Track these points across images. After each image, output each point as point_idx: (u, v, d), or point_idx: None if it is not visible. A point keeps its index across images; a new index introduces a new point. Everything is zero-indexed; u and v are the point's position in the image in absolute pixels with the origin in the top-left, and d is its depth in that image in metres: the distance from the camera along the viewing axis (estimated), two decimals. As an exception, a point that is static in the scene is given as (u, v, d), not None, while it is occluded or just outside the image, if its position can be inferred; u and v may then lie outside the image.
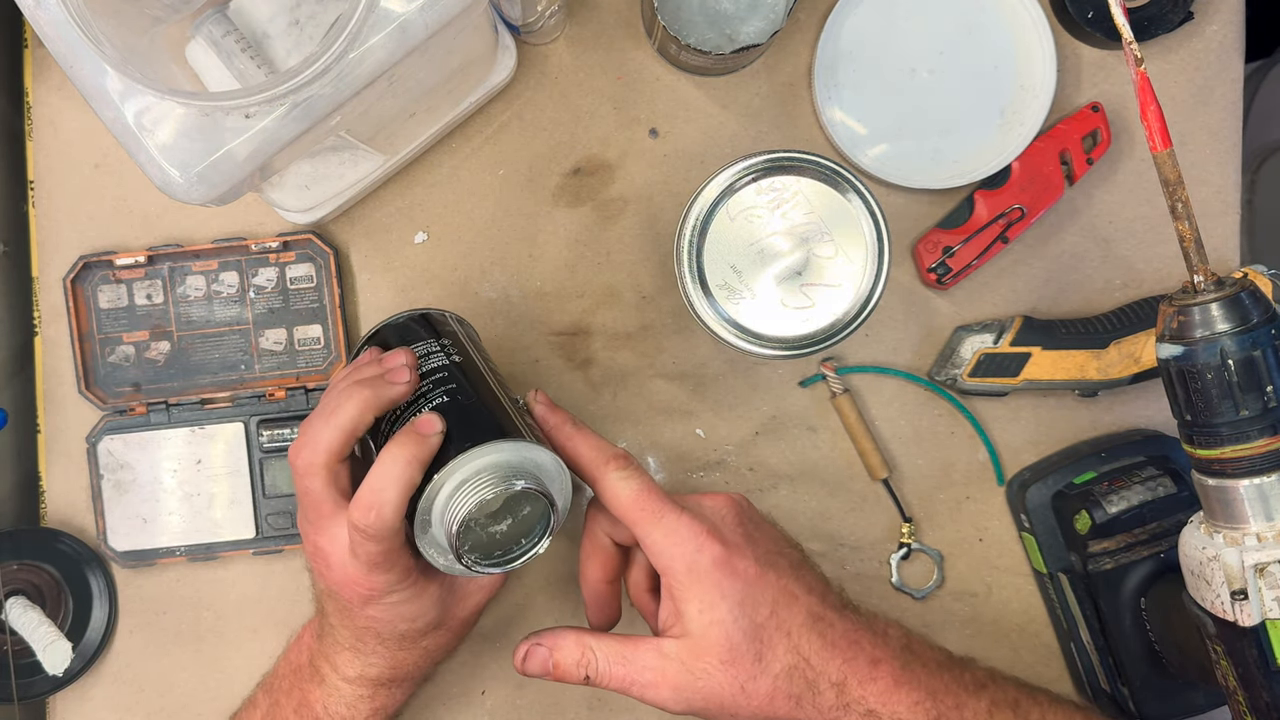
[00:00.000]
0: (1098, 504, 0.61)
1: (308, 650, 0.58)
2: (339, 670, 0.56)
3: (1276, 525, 0.47)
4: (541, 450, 0.52)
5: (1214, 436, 0.48)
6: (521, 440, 0.51)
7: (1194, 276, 0.48)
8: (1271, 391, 0.46)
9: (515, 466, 0.51)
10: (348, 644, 0.55)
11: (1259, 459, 0.47)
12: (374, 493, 0.49)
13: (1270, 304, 0.47)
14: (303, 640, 0.59)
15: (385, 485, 0.49)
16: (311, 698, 0.57)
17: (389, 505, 0.49)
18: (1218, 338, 0.46)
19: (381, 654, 0.55)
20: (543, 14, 0.62)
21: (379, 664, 0.56)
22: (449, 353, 0.55)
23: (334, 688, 0.56)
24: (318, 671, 0.57)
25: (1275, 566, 0.46)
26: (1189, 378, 0.47)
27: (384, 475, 0.49)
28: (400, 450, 0.49)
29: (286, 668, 0.59)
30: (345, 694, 0.56)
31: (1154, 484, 0.61)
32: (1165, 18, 0.65)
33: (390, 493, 0.49)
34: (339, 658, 0.56)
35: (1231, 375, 0.46)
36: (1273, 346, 0.46)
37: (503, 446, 0.51)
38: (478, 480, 0.50)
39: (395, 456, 0.49)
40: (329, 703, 0.56)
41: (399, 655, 0.56)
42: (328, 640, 0.56)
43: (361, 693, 0.56)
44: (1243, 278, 0.48)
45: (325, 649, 0.56)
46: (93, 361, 0.68)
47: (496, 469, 0.50)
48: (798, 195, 0.55)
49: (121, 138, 0.46)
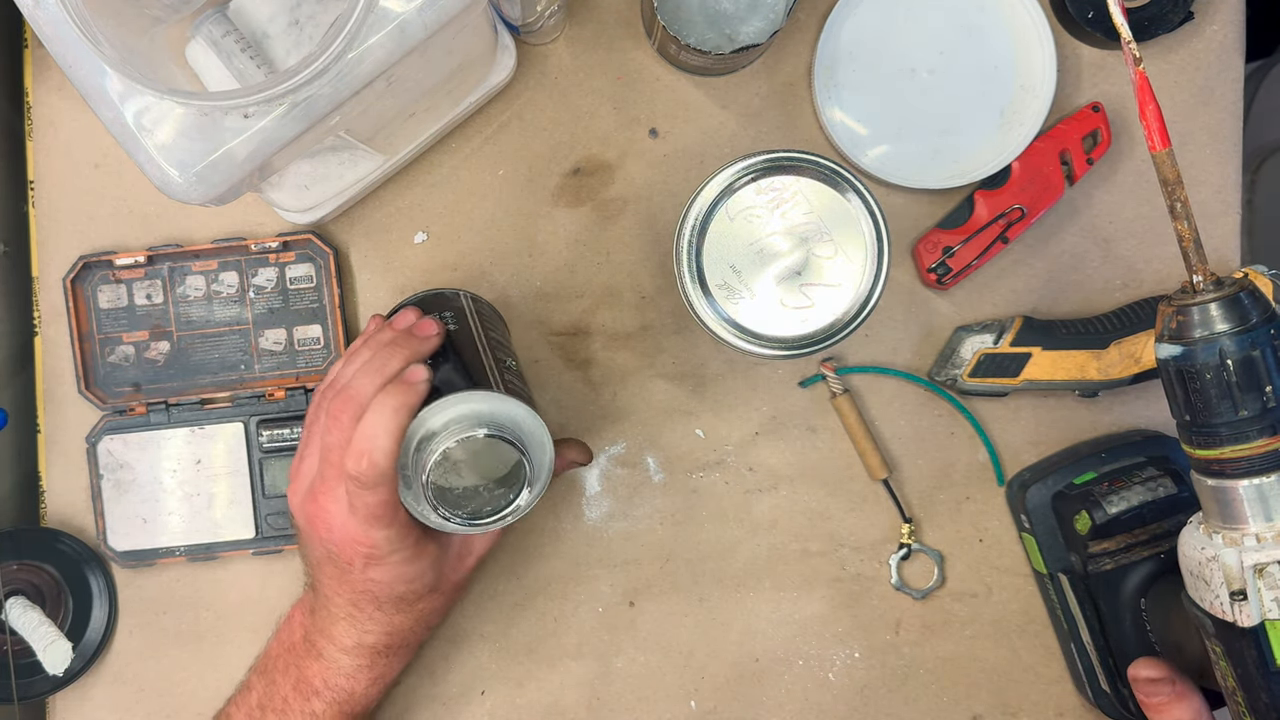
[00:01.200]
0: (1098, 504, 0.61)
1: (300, 627, 0.58)
2: (336, 641, 0.56)
3: (1276, 526, 0.47)
4: (516, 404, 0.53)
5: (1213, 437, 0.48)
6: (490, 390, 0.52)
7: (1193, 276, 0.48)
8: (1270, 392, 0.46)
9: (484, 416, 0.52)
10: (343, 613, 0.56)
11: (1258, 459, 0.47)
12: (366, 439, 0.50)
13: (1269, 304, 0.47)
14: (293, 619, 0.59)
15: (376, 432, 0.50)
16: (309, 673, 0.57)
17: (380, 451, 0.50)
18: (1217, 338, 0.46)
19: (379, 619, 0.56)
20: (542, 14, 0.62)
21: (375, 630, 0.56)
22: (448, 322, 0.57)
23: (331, 660, 0.57)
24: (313, 646, 0.57)
25: (1274, 567, 0.46)
26: (1188, 378, 0.47)
27: (374, 423, 0.50)
28: (388, 399, 0.51)
29: (279, 648, 0.59)
30: (344, 665, 0.57)
31: (1154, 484, 0.61)
32: (1165, 18, 0.65)
33: (381, 439, 0.50)
34: (335, 629, 0.56)
35: (1230, 375, 0.46)
36: (1271, 347, 0.46)
37: (473, 396, 0.52)
38: (445, 429, 0.51)
39: (383, 404, 0.50)
40: (328, 675, 0.57)
41: (395, 619, 0.57)
42: (321, 614, 0.57)
43: (360, 662, 0.57)
44: (1242, 278, 0.48)
45: (319, 623, 0.57)
46: (93, 361, 0.68)
47: (464, 419, 0.51)
48: (797, 195, 0.55)
49: (121, 138, 0.46)
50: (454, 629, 0.68)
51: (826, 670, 0.68)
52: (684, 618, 0.68)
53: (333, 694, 0.57)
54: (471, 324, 0.59)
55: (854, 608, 0.68)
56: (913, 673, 0.68)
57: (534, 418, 0.53)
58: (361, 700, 0.58)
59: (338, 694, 0.57)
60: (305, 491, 0.55)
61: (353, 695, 0.57)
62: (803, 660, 0.68)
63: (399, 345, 0.54)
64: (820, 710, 0.68)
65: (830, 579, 0.68)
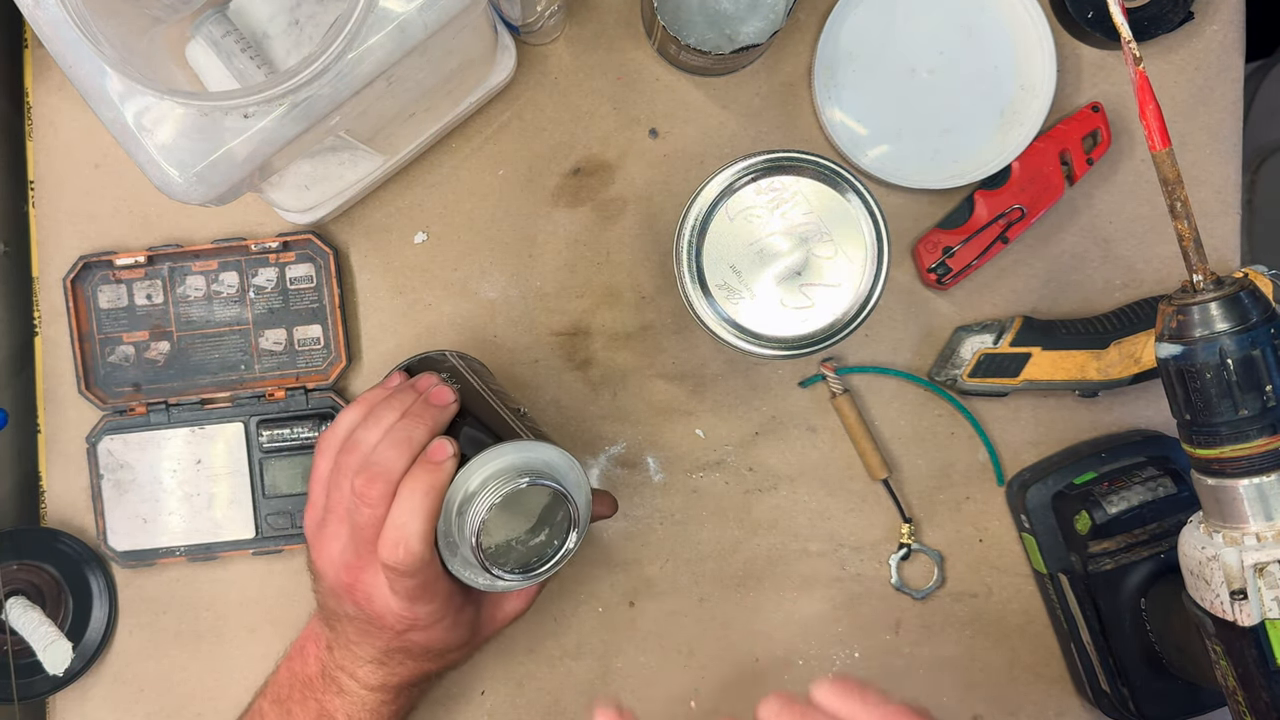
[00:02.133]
0: (1097, 504, 0.61)
1: (316, 661, 0.58)
2: (360, 680, 0.56)
3: (1276, 525, 0.47)
4: (546, 447, 0.52)
5: (1213, 436, 0.48)
6: (520, 440, 0.52)
7: (1193, 276, 0.48)
8: (1270, 391, 0.46)
9: (519, 467, 0.51)
10: (369, 658, 0.55)
11: (1258, 458, 0.47)
12: (398, 528, 0.49)
13: (1270, 303, 0.47)
14: (307, 652, 0.59)
15: (407, 519, 0.49)
16: (331, 707, 0.57)
17: (415, 537, 0.49)
18: (1217, 337, 0.46)
19: (409, 665, 0.56)
20: (542, 14, 0.62)
21: (403, 673, 0.56)
22: (449, 385, 0.56)
23: (356, 697, 0.56)
24: (334, 682, 0.57)
25: (1275, 566, 0.46)
26: (1188, 377, 0.47)
27: (404, 510, 0.49)
28: (415, 483, 0.50)
29: (291, 678, 0.59)
30: (368, 701, 0.56)
31: (1154, 484, 0.61)
32: (1165, 18, 0.65)
33: (413, 525, 0.49)
34: (360, 670, 0.56)
35: (1230, 375, 0.46)
36: (1272, 346, 0.46)
37: (503, 449, 0.51)
38: (483, 488, 0.50)
39: (412, 490, 0.49)
40: (352, 711, 0.56)
41: (425, 666, 0.56)
42: (342, 654, 0.56)
43: (384, 698, 0.57)
44: (1242, 277, 0.48)
45: (342, 661, 0.56)
46: (93, 361, 0.68)
47: (501, 473, 0.50)
48: (797, 195, 0.55)
49: (121, 138, 0.46)
50: (454, 629, 0.68)
51: (826, 670, 0.68)
52: (684, 618, 0.68)
53: None
54: (471, 380, 0.58)
55: (854, 608, 0.68)
56: (913, 673, 0.68)
57: (566, 457, 0.52)
58: None
59: None
60: (339, 561, 0.53)
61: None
62: (803, 660, 0.68)
63: (420, 416, 0.53)
64: (820, 710, 0.68)
65: (830, 579, 0.68)
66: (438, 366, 0.60)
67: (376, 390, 0.57)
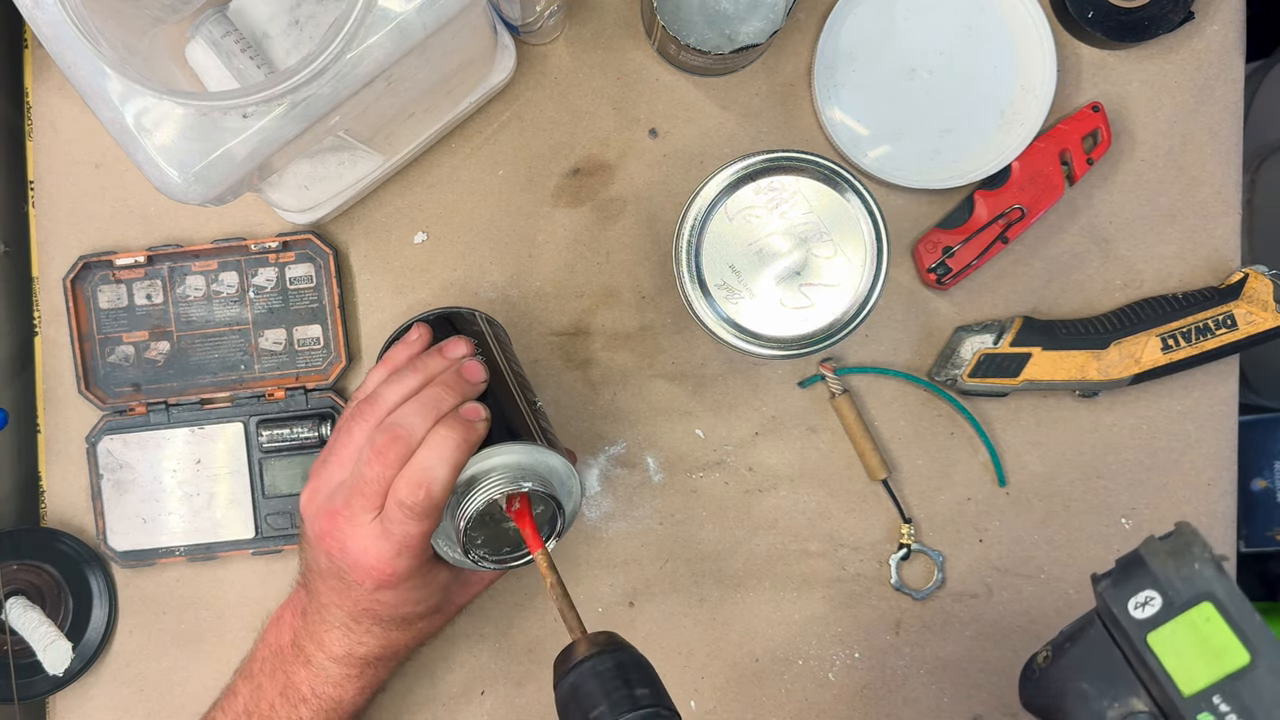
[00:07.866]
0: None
1: (290, 629, 0.58)
2: (326, 649, 0.56)
3: None
4: (554, 454, 0.53)
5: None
6: (533, 444, 0.52)
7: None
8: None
9: (526, 468, 0.52)
10: (339, 622, 0.55)
11: None
12: (424, 470, 0.49)
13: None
14: (283, 620, 0.59)
15: (436, 464, 0.49)
16: (297, 679, 0.57)
17: (438, 483, 0.49)
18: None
19: (376, 634, 0.56)
20: (542, 14, 0.62)
21: (370, 643, 0.56)
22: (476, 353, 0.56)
23: (320, 667, 0.56)
24: (302, 652, 0.57)
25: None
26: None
27: (434, 455, 0.49)
28: (450, 433, 0.50)
29: (265, 650, 0.59)
30: (332, 674, 0.56)
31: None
32: (1165, 18, 0.65)
33: (440, 470, 0.49)
34: (327, 636, 0.56)
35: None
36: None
37: (515, 448, 0.52)
38: (488, 479, 0.51)
39: (446, 438, 0.49)
40: (316, 684, 0.56)
41: (392, 635, 0.56)
42: (314, 618, 0.56)
43: (349, 671, 0.57)
44: (1242, 278, 0.48)
45: (311, 627, 0.56)
46: (93, 361, 0.68)
47: (507, 469, 0.51)
48: (796, 195, 0.55)
49: (120, 138, 0.46)
50: (454, 629, 0.68)
51: (826, 670, 0.68)
52: (684, 618, 0.68)
53: (320, 702, 0.57)
54: (496, 354, 0.58)
55: (854, 608, 0.68)
56: (913, 673, 0.68)
57: (568, 468, 0.53)
58: (349, 708, 0.58)
59: (325, 702, 0.57)
60: (322, 505, 0.53)
61: (340, 704, 0.57)
62: (802, 660, 0.68)
63: (451, 387, 0.53)
64: (820, 710, 0.68)
65: (830, 579, 0.68)
66: (465, 327, 0.59)
67: (399, 348, 0.57)
